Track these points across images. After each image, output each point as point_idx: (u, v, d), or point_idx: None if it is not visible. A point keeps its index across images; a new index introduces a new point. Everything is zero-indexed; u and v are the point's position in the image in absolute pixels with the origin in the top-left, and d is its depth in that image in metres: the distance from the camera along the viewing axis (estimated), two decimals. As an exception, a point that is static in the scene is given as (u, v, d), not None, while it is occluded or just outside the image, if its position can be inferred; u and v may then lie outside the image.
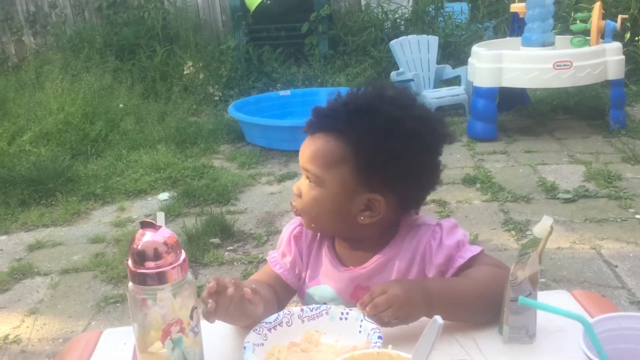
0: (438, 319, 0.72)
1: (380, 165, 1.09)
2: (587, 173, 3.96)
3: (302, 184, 1.16)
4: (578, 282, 2.71)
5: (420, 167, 1.12)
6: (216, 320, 1.02)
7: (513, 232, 3.22)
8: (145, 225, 0.93)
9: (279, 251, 1.28)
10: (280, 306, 1.23)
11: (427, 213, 3.70)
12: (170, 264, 0.93)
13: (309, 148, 1.13)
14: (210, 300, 0.99)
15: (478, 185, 3.91)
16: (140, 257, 0.91)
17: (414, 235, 1.17)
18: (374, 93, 1.14)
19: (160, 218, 0.95)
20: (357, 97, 1.14)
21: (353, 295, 1.19)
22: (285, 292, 1.25)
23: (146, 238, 0.91)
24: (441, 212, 3.53)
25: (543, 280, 2.74)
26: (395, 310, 0.99)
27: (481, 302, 1.04)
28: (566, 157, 4.33)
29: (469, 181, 3.98)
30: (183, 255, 0.95)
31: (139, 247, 0.91)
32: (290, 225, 1.27)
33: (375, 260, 1.18)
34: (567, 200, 3.57)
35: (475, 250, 1.14)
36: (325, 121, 1.12)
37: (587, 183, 3.81)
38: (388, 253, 1.18)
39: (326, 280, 1.21)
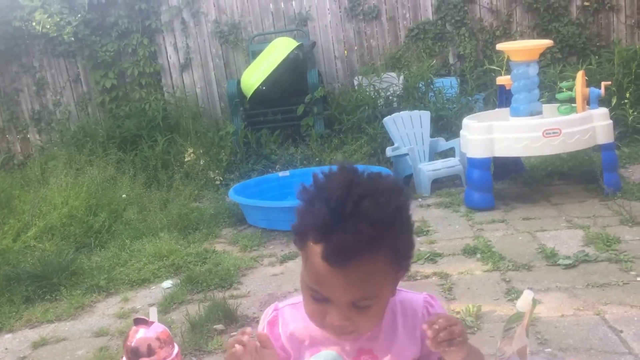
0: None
1: (405, 249, 1.19)
2: (586, 237, 3.97)
3: (348, 313, 1.13)
4: (584, 349, 2.68)
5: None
6: None
7: (516, 302, 3.20)
8: (138, 322, 0.97)
9: None
10: None
11: (428, 286, 3.62)
12: (164, 358, 0.96)
13: (353, 278, 1.09)
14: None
15: (478, 256, 3.92)
16: (134, 354, 0.94)
17: (406, 304, 1.28)
18: (367, 192, 1.10)
19: (153, 313, 1.00)
20: (369, 210, 1.08)
21: (356, 359, 1.25)
22: None
23: (139, 335, 0.95)
24: (443, 285, 3.53)
25: (549, 349, 2.72)
26: (460, 340, 1.11)
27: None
28: (564, 222, 4.36)
29: (469, 252, 4.00)
30: (176, 349, 0.99)
31: (133, 344, 0.95)
32: (263, 321, 1.29)
33: None
34: (568, 266, 3.58)
35: None
36: (356, 247, 1.08)
37: (587, 247, 3.82)
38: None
39: (329, 346, 1.25)
